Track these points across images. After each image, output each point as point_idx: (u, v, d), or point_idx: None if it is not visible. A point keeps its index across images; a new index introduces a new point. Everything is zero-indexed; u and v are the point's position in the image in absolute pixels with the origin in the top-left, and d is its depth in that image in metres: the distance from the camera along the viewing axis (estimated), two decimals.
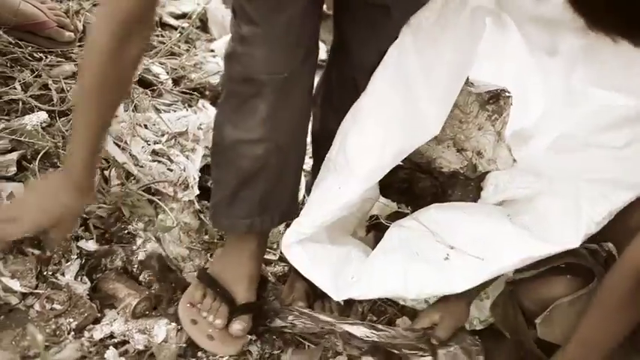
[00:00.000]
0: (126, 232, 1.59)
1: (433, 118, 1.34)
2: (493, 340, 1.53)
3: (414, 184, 1.54)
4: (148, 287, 1.51)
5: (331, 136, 1.51)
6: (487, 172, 1.46)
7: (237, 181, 1.44)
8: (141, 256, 1.55)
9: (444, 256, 1.36)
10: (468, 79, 1.38)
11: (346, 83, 1.49)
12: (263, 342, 1.51)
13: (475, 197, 1.48)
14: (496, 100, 1.42)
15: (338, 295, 1.42)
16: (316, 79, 1.51)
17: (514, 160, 1.44)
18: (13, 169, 1.55)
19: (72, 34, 1.99)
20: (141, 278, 1.52)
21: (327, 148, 1.55)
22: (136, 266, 1.54)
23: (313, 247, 1.43)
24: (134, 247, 1.56)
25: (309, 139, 1.66)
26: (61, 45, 1.97)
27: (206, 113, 2.00)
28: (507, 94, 1.41)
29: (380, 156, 1.37)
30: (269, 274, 1.70)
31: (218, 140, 1.46)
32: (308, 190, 1.72)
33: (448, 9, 1.36)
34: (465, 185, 1.48)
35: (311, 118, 1.60)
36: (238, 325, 1.48)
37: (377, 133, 1.38)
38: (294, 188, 1.57)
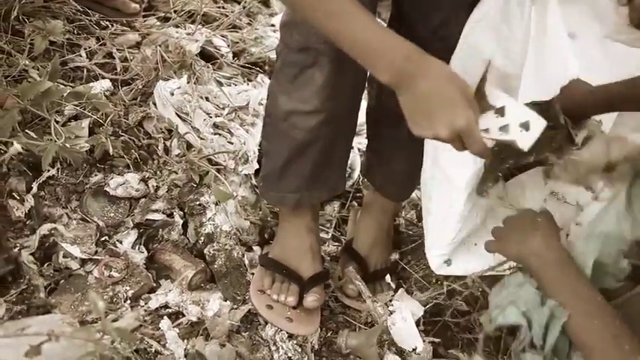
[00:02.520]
0: (197, 203, 1.60)
1: None
2: None
3: None
4: (212, 261, 1.52)
5: (388, 113, 1.48)
6: None
7: (289, 154, 1.42)
8: (209, 229, 1.57)
9: None
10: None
11: None
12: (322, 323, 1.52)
13: None
14: None
15: None
16: None
17: None
18: (86, 133, 1.58)
19: (137, 5, 2.00)
20: (205, 251, 1.54)
21: (383, 125, 1.54)
22: (202, 239, 1.56)
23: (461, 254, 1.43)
24: (203, 220, 1.58)
25: (363, 117, 1.63)
26: (126, 16, 1.99)
27: (266, 88, 1.99)
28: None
29: (474, 161, 1.33)
30: (322, 253, 1.69)
31: (271, 111, 1.44)
32: (363, 170, 1.71)
33: (511, 5, 1.27)
34: None
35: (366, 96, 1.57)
36: (311, 297, 1.49)
37: None
38: (343, 163, 1.56)
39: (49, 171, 1.51)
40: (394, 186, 1.62)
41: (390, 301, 1.59)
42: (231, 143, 1.72)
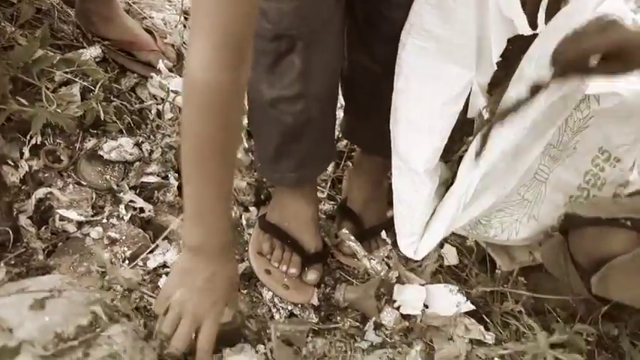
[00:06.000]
0: None
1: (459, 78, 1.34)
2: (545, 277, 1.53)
3: None
4: None
5: (362, 71, 1.47)
6: None
7: (282, 137, 1.41)
8: None
9: None
10: None
11: (372, 17, 1.41)
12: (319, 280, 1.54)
13: None
14: None
15: None
16: None
17: None
18: (78, 99, 1.59)
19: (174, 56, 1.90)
20: None
21: (359, 85, 1.52)
22: None
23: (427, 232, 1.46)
24: None
25: None
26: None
27: None
28: None
29: (430, 143, 1.37)
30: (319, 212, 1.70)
31: (256, 98, 1.40)
32: (344, 132, 1.69)
33: None
34: None
35: None
36: (313, 275, 1.51)
37: (418, 124, 1.37)
38: (332, 134, 1.56)
39: (41, 136, 1.51)
40: (379, 142, 1.57)
41: (388, 257, 1.61)
42: None
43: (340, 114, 1.64)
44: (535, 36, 1.31)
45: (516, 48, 1.38)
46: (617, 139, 1.45)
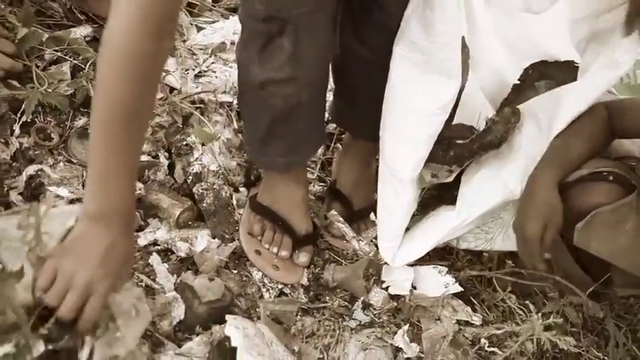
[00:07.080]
0: (184, 143, 1.61)
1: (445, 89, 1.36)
2: None
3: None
4: (201, 200, 1.52)
5: (353, 58, 1.48)
6: None
7: (272, 121, 1.41)
8: (196, 168, 1.57)
9: None
10: None
11: (367, 3, 1.41)
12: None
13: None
14: None
15: None
16: None
17: None
18: (68, 77, 1.59)
19: None
20: (194, 190, 1.54)
21: (349, 70, 1.52)
22: (190, 178, 1.56)
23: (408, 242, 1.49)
24: (191, 159, 1.58)
25: None
26: None
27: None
28: None
29: (415, 152, 1.39)
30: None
31: (245, 79, 1.41)
32: (332, 117, 1.69)
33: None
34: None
35: None
36: (305, 257, 1.52)
37: (404, 133, 1.39)
38: (322, 117, 1.56)
39: (31, 114, 1.51)
40: (367, 127, 1.58)
41: (376, 238, 1.62)
42: (217, 77, 1.73)
43: (330, 97, 1.64)
44: (556, 64, 1.41)
45: (536, 73, 1.46)
46: None
